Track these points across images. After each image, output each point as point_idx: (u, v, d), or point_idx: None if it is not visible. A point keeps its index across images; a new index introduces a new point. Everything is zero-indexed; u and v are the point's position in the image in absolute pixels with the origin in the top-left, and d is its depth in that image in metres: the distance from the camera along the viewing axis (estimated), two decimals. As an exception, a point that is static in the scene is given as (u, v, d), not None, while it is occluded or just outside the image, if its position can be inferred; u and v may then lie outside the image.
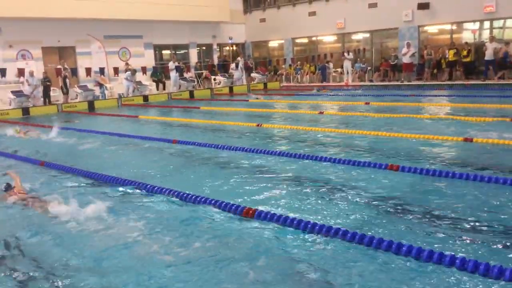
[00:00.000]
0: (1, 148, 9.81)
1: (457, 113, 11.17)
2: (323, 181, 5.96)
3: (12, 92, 17.58)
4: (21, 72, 17.61)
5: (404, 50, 20.55)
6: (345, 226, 4.25)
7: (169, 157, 8.22)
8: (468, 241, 3.91)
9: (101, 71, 20.57)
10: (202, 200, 5.13)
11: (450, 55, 19.58)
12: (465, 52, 19.40)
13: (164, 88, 22.98)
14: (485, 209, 4.64)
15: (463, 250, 3.71)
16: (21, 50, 19.60)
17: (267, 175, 6.41)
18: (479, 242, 3.89)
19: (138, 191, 5.84)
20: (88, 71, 19.89)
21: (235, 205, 4.85)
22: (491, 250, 3.72)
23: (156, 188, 5.74)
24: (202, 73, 24.84)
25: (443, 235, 4.06)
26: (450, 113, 11.63)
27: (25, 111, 16.92)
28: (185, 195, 5.34)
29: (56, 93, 19.78)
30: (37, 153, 9.05)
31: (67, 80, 19.24)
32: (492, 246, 3.80)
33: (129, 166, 7.50)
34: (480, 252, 3.69)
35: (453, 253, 3.49)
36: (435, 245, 3.75)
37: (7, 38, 19.06)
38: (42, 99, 18.45)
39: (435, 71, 20.55)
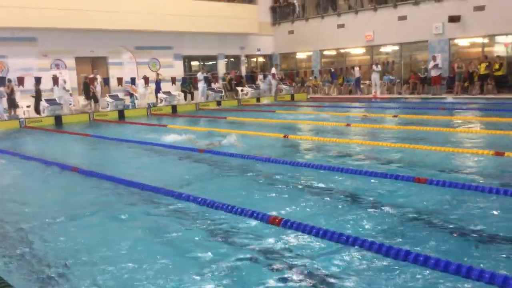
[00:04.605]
0: (35, 154, 10.10)
1: (488, 127, 10.96)
2: (349, 192, 5.93)
3: (45, 100, 18.09)
4: (55, 81, 18.10)
5: (431, 63, 20.39)
6: (370, 237, 4.24)
7: (196, 165, 8.31)
8: (496, 256, 3.84)
9: (132, 81, 21.02)
10: (229, 208, 5.18)
11: (482, 68, 19.26)
12: (497, 66, 19.06)
13: (192, 99, 23.30)
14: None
15: (491, 264, 3.64)
16: (55, 59, 20.20)
17: (293, 185, 6.43)
18: (508, 257, 3.81)
19: (168, 197, 5.94)
20: (120, 81, 20.36)
21: (261, 213, 4.88)
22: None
23: (183, 195, 5.82)
24: (229, 77, 25.03)
25: (471, 248, 3.99)
26: (481, 127, 11.42)
27: (58, 119, 17.37)
28: (212, 202, 5.41)
29: (87, 102, 20.27)
30: (68, 159, 9.31)
31: (98, 90, 19.78)
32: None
33: (155, 173, 7.66)
34: (505, 265, 3.62)
35: (481, 267, 3.43)
36: (463, 259, 3.70)
37: (42, 48, 19.69)
38: (69, 106, 19.02)
39: (466, 84, 20.22)
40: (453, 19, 20.38)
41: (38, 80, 18.12)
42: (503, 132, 9.81)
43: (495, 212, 4.91)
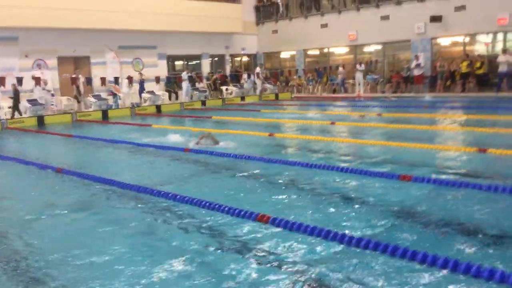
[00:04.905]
0: (19, 155, 9.95)
1: (470, 124, 11.13)
2: (335, 190, 5.97)
3: (27, 100, 17.83)
4: (37, 81, 17.86)
5: (414, 63, 20.66)
6: (357, 234, 4.28)
7: (181, 165, 8.28)
8: (480, 250, 3.91)
9: (115, 80, 20.85)
10: (216, 206, 5.18)
11: (463, 67, 19.55)
12: (478, 64, 19.36)
13: (176, 98, 23.20)
14: (498, 219, 4.63)
15: (476, 258, 3.70)
16: (37, 59, 19.92)
17: (279, 183, 6.45)
18: (492, 250, 3.88)
19: (153, 197, 5.91)
20: (103, 80, 20.17)
21: (249, 212, 4.89)
22: (505, 258, 3.72)
23: (170, 194, 5.81)
24: (214, 77, 25.03)
25: (455, 243, 4.06)
26: (463, 124, 11.60)
27: (40, 119, 17.14)
28: (199, 201, 5.40)
29: (70, 102, 20.06)
30: (53, 160, 9.20)
31: (81, 90, 19.57)
32: (506, 255, 3.79)
33: (141, 173, 7.61)
34: (494, 260, 3.68)
35: (468, 261, 3.48)
36: (447, 253, 3.75)
37: (24, 47, 19.39)
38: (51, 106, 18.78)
39: (448, 83, 20.50)
40: (435, 18, 20.65)
41: (20, 81, 17.85)
42: (484, 129, 9.97)
43: (480, 207, 4.99)
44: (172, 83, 23.81)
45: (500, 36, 19.90)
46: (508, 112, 13.02)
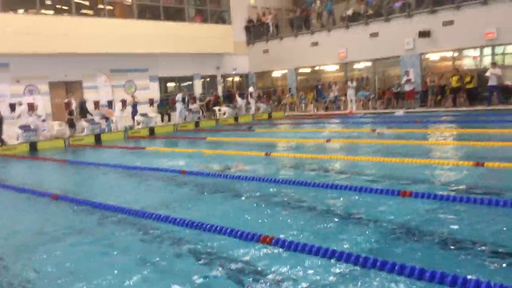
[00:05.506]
0: (12, 182, 9.83)
1: (465, 139, 11.18)
2: (335, 208, 5.94)
3: (19, 126, 17.70)
4: (30, 107, 17.78)
5: (404, 78, 20.88)
6: (361, 252, 4.23)
7: (178, 187, 8.22)
8: (481, 265, 3.89)
9: (109, 104, 20.80)
10: (218, 229, 5.11)
11: (453, 81, 19.75)
12: (468, 78, 19.57)
13: (169, 120, 23.17)
14: (499, 233, 4.61)
15: (476, 273, 3.66)
16: (28, 85, 19.83)
17: (278, 203, 6.40)
18: (492, 265, 3.86)
19: (152, 221, 5.83)
20: (96, 104, 20.12)
21: (252, 233, 4.82)
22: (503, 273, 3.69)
23: (170, 218, 5.73)
24: (208, 99, 25.12)
25: (457, 259, 4.03)
26: (458, 139, 11.65)
27: (32, 145, 17.00)
28: (200, 224, 5.32)
29: (62, 127, 19.92)
30: (47, 186, 9.09)
31: (74, 115, 19.49)
32: (503, 269, 3.77)
33: (139, 197, 7.53)
34: (492, 275, 3.65)
35: (468, 276, 3.45)
36: (449, 269, 3.71)
37: (15, 73, 19.32)
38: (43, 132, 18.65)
39: (438, 98, 20.67)
40: (424, 34, 20.89)
41: (12, 107, 17.77)
42: (477, 143, 10.01)
43: (481, 223, 4.97)
44: (165, 105, 23.83)
45: (488, 50, 20.17)
46: (501, 125, 13.12)
